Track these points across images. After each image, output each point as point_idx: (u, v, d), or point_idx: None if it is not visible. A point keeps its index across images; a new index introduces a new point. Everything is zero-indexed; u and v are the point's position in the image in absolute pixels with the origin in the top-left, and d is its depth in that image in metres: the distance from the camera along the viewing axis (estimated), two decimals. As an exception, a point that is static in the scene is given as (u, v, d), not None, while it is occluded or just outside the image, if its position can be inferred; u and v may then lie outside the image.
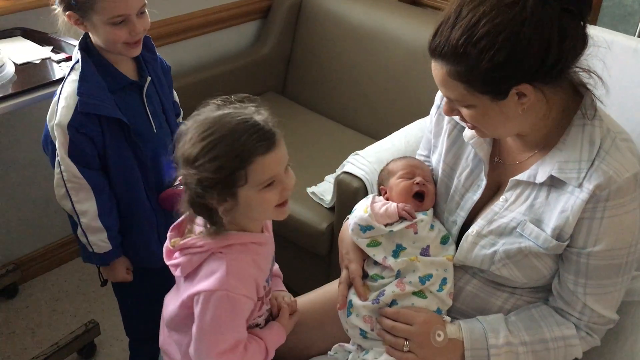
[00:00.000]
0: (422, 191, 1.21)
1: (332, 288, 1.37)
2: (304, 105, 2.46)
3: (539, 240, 1.06)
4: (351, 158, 1.78)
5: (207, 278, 1.01)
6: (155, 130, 1.40)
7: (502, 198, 1.12)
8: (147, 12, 1.31)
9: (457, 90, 1.00)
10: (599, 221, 1.02)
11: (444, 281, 1.17)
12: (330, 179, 1.96)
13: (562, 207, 1.04)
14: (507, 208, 1.11)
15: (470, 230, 1.14)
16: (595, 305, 1.08)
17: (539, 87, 0.98)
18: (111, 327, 1.98)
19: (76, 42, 1.37)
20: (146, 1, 1.29)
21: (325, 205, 1.88)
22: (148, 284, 1.51)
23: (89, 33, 1.31)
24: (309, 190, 1.94)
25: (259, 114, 1.00)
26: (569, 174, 1.03)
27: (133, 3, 1.25)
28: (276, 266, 1.29)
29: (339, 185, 1.76)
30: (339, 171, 1.79)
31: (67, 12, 1.26)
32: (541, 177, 1.06)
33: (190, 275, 1.05)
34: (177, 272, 1.07)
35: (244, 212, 1.01)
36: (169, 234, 1.11)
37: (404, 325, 1.13)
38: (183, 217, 1.09)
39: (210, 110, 1.01)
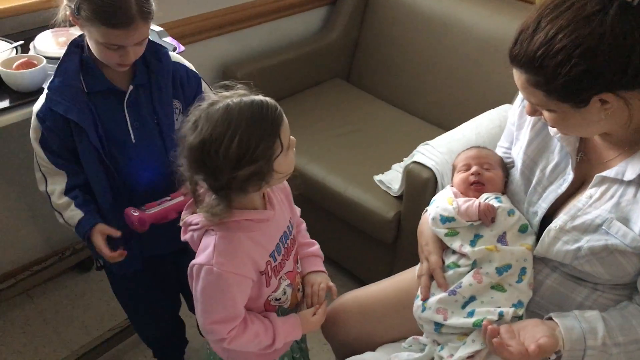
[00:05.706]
0: (478, 181, 1.24)
1: (403, 278, 1.38)
2: (369, 92, 2.46)
3: (626, 239, 1.04)
4: (421, 148, 1.77)
5: (201, 253, 1.09)
6: (134, 141, 1.35)
7: (586, 194, 1.10)
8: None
9: (537, 96, 1.01)
10: None
11: (522, 271, 1.16)
12: (397, 168, 1.96)
13: (651, 206, 1.01)
14: (592, 205, 1.09)
15: (552, 225, 1.13)
16: None
17: (622, 95, 0.96)
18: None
19: None
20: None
21: (392, 194, 1.88)
22: (140, 282, 1.55)
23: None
24: (376, 178, 1.95)
25: (246, 95, 1.04)
26: (660, 173, 1.01)
27: (134, 37, 1.22)
28: (316, 245, 1.31)
29: (409, 174, 1.76)
30: (408, 160, 1.78)
31: (69, 12, 1.24)
32: (630, 175, 1.04)
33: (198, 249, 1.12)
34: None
35: (275, 179, 1.05)
36: (183, 212, 1.17)
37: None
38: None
39: (205, 114, 1.01)
